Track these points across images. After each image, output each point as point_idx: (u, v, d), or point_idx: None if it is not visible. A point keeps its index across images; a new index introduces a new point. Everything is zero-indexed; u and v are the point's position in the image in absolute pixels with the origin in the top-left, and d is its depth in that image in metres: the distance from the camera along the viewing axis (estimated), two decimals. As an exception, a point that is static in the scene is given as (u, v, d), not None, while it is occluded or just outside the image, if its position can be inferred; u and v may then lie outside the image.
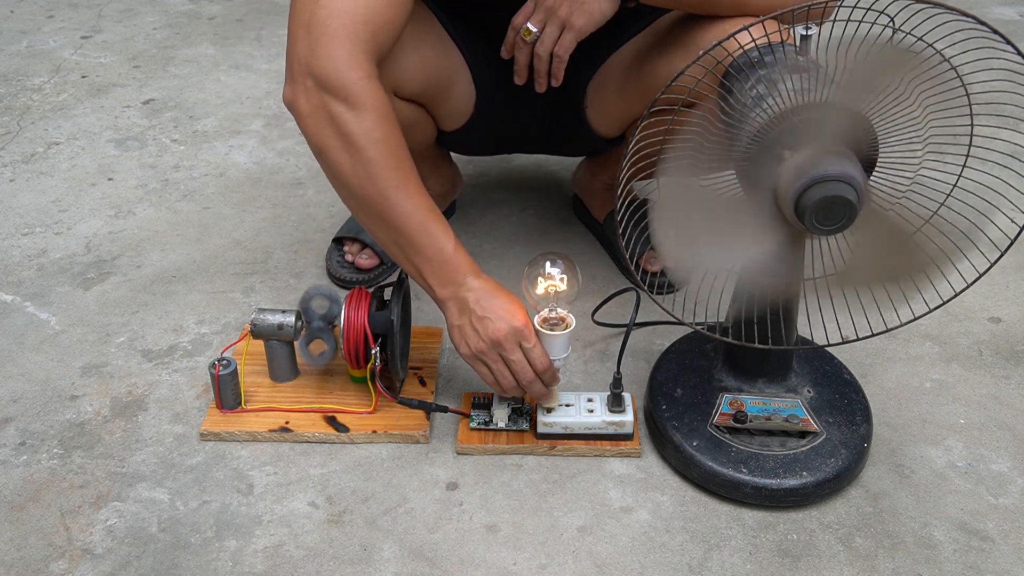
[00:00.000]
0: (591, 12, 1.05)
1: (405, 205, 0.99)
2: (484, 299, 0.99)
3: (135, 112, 1.88)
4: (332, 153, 0.98)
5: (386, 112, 0.98)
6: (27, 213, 1.54)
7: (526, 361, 1.01)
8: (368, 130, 0.96)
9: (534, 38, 1.10)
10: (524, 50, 1.12)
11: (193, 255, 1.43)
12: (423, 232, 0.99)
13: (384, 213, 0.99)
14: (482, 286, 1.00)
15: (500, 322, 0.98)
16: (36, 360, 1.21)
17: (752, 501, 0.99)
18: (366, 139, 0.96)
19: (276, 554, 0.95)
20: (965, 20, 0.79)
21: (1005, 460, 1.06)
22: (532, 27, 1.09)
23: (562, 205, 1.55)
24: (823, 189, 0.79)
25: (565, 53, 1.09)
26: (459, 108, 1.25)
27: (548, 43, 1.09)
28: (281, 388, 1.14)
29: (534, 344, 1.00)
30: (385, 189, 0.98)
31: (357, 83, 0.96)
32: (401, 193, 0.98)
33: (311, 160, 1.69)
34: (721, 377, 1.06)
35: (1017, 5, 2.41)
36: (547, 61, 1.11)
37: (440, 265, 1.00)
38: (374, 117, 0.97)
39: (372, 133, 0.97)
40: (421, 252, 1.00)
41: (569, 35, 1.07)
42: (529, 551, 0.95)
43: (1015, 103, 0.79)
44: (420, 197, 1.00)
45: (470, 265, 1.01)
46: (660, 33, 1.14)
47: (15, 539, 0.96)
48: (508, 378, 1.02)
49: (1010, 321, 1.28)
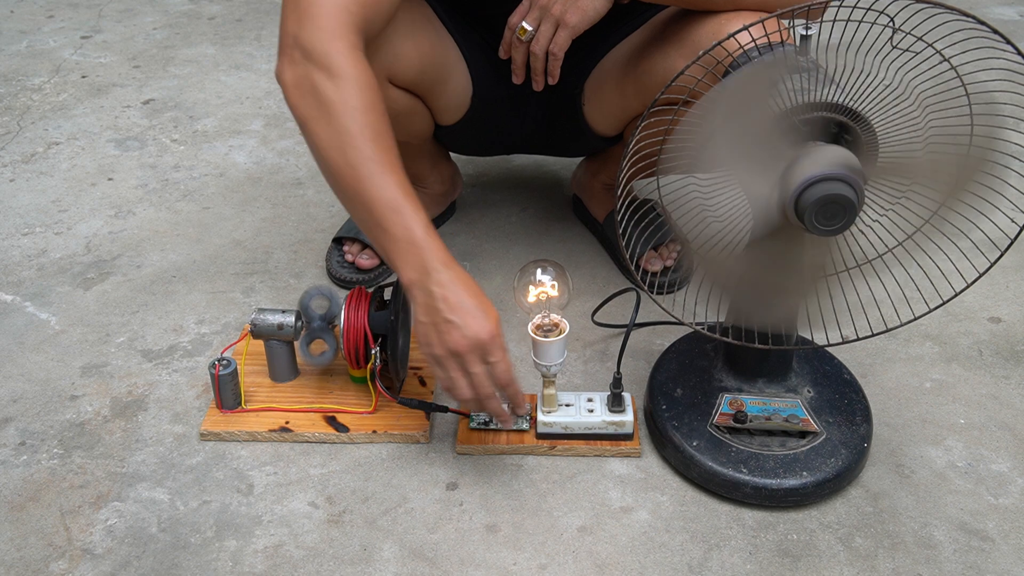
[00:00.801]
0: (584, 10, 1.06)
1: (376, 180, 0.93)
2: (453, 297, 0.92)
3: (135, 112, 1.88)
4: (311, 124, 0.95)
5: (367, 83, 0.95)
6: (27, 213, 1.54)
7: (485, 376, 0.94)
8: (346, 99, 0.93)
9: (529, 36, 1.11)
10: (520, 49, 1.13)
11: (193, 255, 1.43)
12: (392, 210, 0.93)
13: (355, 186, 0.94)
14: (452, 280, 0.92)
15: (466, 331, 0.91)
16: (36, 360, 1.21)
17: (752, 501, 0.99)
18: (343, 108, 0.93)
19: (276, 554, 0.95)
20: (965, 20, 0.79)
21: (1005, 460, 1.06)
22: (527, 26, 1.10)
23: (562, 205, 1.55)
24: (823, 189, 0.79)
25: (560, 51, 1.10)
26: (455, 101, 1.25)
27: (543, 41, 1.10)
28: (281, 388, 1.14)
29: (499, 360, 0.94)
30: (357, 161, 0.93)
31: (340, 53, 0.94)
32: (374, 166, 0.93)
33: (311, 160, 1.69)
34: (721, 377, 1.06)
35: (1017, 5, 2.41)
36: (543, 59, 1.12)
37: (408, 247, 0.93)
38: (354, 87, 0.94)
39: (350, 102, 0.93)
40: (388, 231, 0.93)
41: (564, 33, 1.08)
42: (529, 551, 0.95)
43: (1015, 103, 0.79)
44: (394, 174, 0.94)
45: (440, 252, 0.93)
46: (656, 30, 1.14)
47: (15, 539, 0.96)
48: (464, 390, 0.95)
49: (1010, 321, 1.28)
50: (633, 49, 1.17)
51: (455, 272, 0.93)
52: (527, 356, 1.21)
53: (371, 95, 0.95)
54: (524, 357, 1.21)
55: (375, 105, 0.95)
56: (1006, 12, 2.37)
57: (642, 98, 1.15)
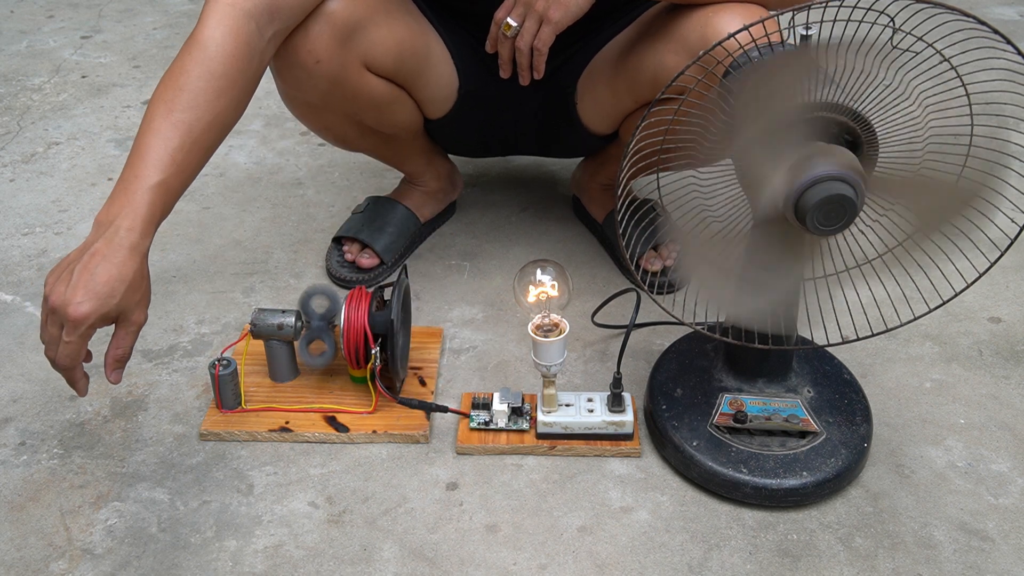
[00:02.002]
0: (567, 5, 1.07)
1: (156, 125, 0.93)
2: (97, 263, 0.87)
3: (135, 112, 1.88)
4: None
5: (223, 51, 0.96)
6: (27, 213, 1.54)
7: (55, 342, 0.89)
8: (193, 44, 0.96)
9: (514, 32, 1.12)
10: (506, 44, 1.14)
11: (193, 255, 1.43)
12: (140, 156, 0.92)
13: (141, 128, 0.94)
14: (116, 251, 0.88)
15: (69, 293, 0.86)
16: (36, 360, 1.21)
17: (752, 501, 0.99)
18: (183, 64, 0.95)
19: (276, 554, 0.95)
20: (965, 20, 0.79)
21: (1005, 460, 1.06)
22: (512, 22, 1.11)
23: (562, 205, 1.55)
24: (823, 189, 0.79)
25: (544, 46, 1.11)
26: (440, 93, 1.26)
27: (528, 37, 1.11)
28: (281, 388, 1.14)
29: (70, 342, 0.88)
30: (156, 110, 0.94)
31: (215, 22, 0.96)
32: (164, 118, 0.93)
33: (311, 160, 1.70)
34: (721, 377, 1.06)
35: (1017, 5, 2.41)
36: (528, 55, 1.13)
37: (123, 190, 0.91)
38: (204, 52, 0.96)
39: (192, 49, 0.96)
40: (124, 171, 0.93)
41: (547, 28, 1.09)
42: (529, 551, 0.95)
43: (1015, 103, 0.79)
44: (176, 133, 0.93)
45: (141, 213, 0.91)
46: (644, 26, 1.15)
47: (15, 539, 0.96)
48: (42, 337, 0.91)
49: (1010, 321, 1.28)
50: (623, 46, 1.18)
51: (129, 245, 0.90)
52: (527, 356, 1.21)
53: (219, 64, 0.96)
54: (524, 357, 1.21)
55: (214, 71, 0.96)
56: (1006, 12, 2.37)
57: (634, 95, 1.16)
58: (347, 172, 1.66)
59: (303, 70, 1.11)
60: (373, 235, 1.36)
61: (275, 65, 1.14)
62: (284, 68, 1.14)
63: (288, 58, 1.11)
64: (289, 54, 1.11)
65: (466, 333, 1.26)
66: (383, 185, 1.57)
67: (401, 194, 1.44)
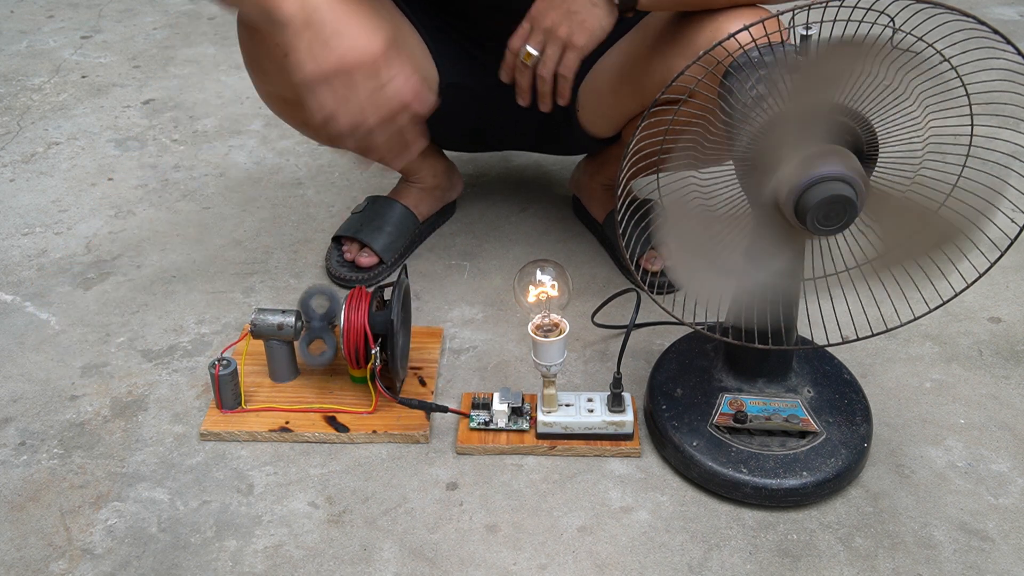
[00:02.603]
0: (592, 29, 1.04)
1: None
2: (340, 12, 0.85)
3: (135, 112, 1.88)
4: None
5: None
6: (27, 213, 1.54)
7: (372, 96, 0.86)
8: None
9: (535, 61, 1.08)
10: (526, 73, 1.11)
11: (193, 255, 1.43)
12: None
13: None
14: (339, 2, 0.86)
15: (355, 41, 0.84)
16: (36, 360, 1.21)
17: (752, 501, 0.99)
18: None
19: (276, 554, 0.95)
20: (965, 20, 0.79)
21: (1005, 460, 1.06)
22: (532, 50, 1.08)
23: (562, 205, 1.55)
24: (823, 189, 0.79)
25: (570, 73, 1.08)
26: None
27: (551, 64, 1.08)
28: (281, 388, 1.14)
29: (398, 73, 0.86)
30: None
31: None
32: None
33: (311, 160, 1.70)
34: (721, 377, 1.06)
35: (1017, 5, 2.41)
36: (551, 82, 1.10)
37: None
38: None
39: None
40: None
41: (572, 54, 1.06)
42: (529, 551, 0.95)
43: (1015, 103, 0.79)
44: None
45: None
46: (652, 31, 1.13)
47: (15, 539, 0.96)
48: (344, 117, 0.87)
49: (1010, 321, 1.28)
50: (628, 53, 1.16)
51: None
52: (527, 356, 1.21)
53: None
54: (524, 357, 1.21)
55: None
56: (1006, 12, 2.37)
57: (640, 101, 1.14)
58: (347, 172, 1.66)
59: (272, 63, 1.10)
60: (371, 234, 1.36)
61: (246, 60, 1.14)
62: (254, 62, 1.13)
63: (257, 51, 1.10)
64: (258, 48, 1.10)
65: (466, 333, 1.26)
66: (383, 185, 1.57)
67: (399, 192, 1.44)
